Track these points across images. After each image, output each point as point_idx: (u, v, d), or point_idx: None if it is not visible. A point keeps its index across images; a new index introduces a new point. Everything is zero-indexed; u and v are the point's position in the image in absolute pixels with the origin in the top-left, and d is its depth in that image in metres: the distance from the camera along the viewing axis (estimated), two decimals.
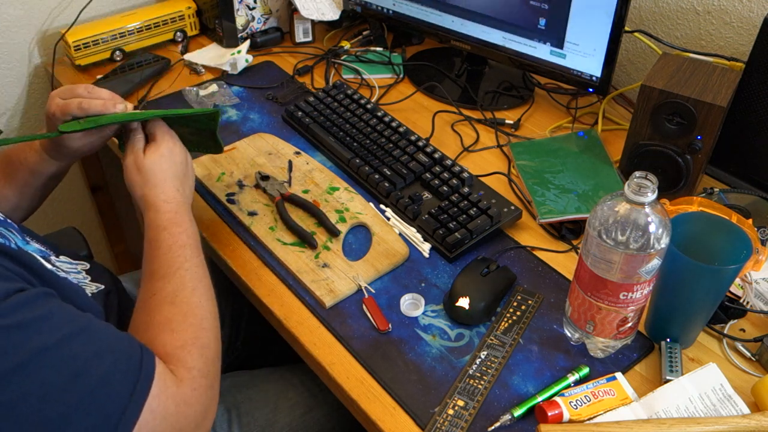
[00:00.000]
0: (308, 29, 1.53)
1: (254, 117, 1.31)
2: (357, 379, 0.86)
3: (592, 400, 0.81)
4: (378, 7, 1.44)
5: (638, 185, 0.75)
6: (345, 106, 1.27)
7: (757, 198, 1.07)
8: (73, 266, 0.89)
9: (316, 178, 1.14)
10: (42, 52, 1.48)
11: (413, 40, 1.56)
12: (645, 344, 0.90)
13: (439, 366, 0.87)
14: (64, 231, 1.21)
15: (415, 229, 1.05)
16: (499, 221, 1.05)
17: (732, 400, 0.82)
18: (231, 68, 1.42)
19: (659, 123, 1.06)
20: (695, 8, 1.26)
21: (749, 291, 0.95)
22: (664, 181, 1.08)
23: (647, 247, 0.76)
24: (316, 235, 1.03)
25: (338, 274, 0.98)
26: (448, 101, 1.35)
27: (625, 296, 0.80)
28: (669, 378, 0.85)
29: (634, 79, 1.41)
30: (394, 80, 1.44)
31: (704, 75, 1.06)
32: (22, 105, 1.51)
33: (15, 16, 1.41)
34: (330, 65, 1.46)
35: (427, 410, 0.82)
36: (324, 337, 0.91)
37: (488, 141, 1.27)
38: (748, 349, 0.90)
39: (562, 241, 1.06)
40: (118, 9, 1.52)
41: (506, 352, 0.89)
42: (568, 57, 1.23)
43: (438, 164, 1.14)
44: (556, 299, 0.96)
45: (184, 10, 1.49)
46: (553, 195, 1.10)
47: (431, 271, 1.00)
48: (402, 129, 1.21)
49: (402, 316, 0.93)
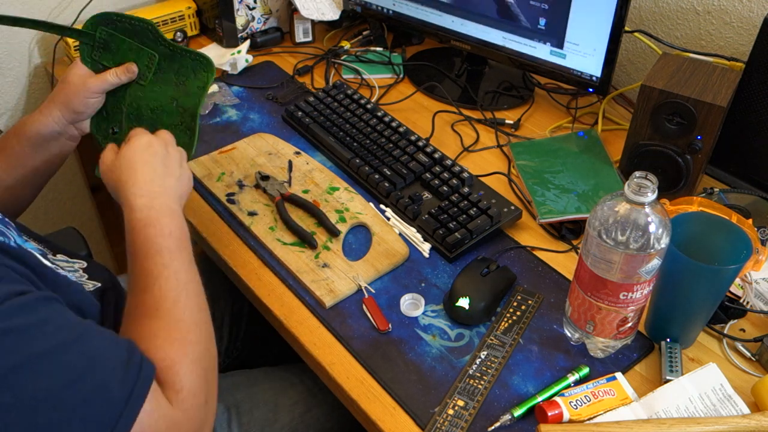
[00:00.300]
0: (308, 29, 1.53)
1: (254, 117, 1.31)
2: (357, 379, 0.86)
3: (592, 400, 0.81)
4: (378, 7, 1.44)
5: (638, 185, 0.75)
6: (345, 106, 1.27)
7: (757, 198, 1.07)
8: (70, 264, 0.88)
9: (316, 178, 1.14)
10: (42, 52, 1.48)
11: (413, 40, 1.56)
12: (645, 344, 0.90)
13: (439, 366, 0.87)
14: (63, 231, 1.21)
15: (415, 229, 1.05)
16: (499, 221, 1.05)
17: (732, 400, 0.82)
18: (231, 68, 1.42)
19: (659, 123, 1.06)
20: (695, 8, 1.26)
21: (749, 291, 0.95)
22: (664, 181, 1.08)
23: (647, 247, 0.76)
24: (316, 235, 1.03)
25: (338, 274, 0.98)
26: (448, 101, 1.35)
27: (625, 296, 0.80)
28: (669, 378, 0.85)
29: (634, 79, 1.41)
30: (394, 80, 1.44)
31: (704, 75, 1.06)
32: (22, 105, 1.52)
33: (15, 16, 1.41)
34: (330, 65, 1.46)
35: (427, 410, 0.82)
36: (324, 337, 0.91)
37: (488, 141, 1.27)
38: (748, 349, 0.90)
39: (562, 241, 1.06)
40: (118, 9, 1.52)
41: (506, 352, 0.89)
42: (568, 57, 1.23)
43: (438, 164, 1.14)
44: (556, 299, 0.96)
45: (184, 10, 1.49)
46: (553, 195, 1.10)
47: (431, 271, 1.00)
48: (402, 129, 1.21)
49: (402, 316, 0.93)
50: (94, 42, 0.93)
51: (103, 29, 0.92)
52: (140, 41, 0.92)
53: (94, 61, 0.93)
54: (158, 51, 0.92)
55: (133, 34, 0.92)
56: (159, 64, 0.93)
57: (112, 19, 0.93)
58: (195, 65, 0.92)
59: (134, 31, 0.92)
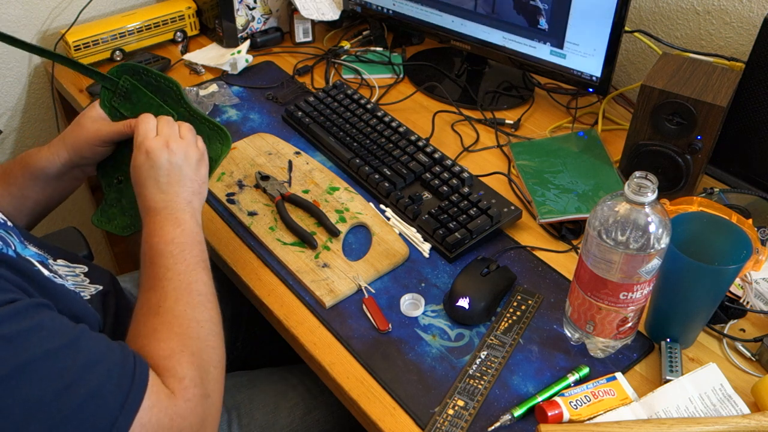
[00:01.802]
0: (308, 29, 1.53)
1: (254, 117, 1.31)
2: (357, 379, 0.86)
3: (592, 400, 0.81)
4: (378, 7, 1.44)
5: (638, 185, 0.75)
6: (345, 106, 1.27)
7: (757, 198, 1.07)
8: (71, 270, 0.88)
9: (316, 178, 1.14)
10: None
11: (413, 40, 1.56)
12: (645, 344, 0.90)
13: (439, 366, 0.87)
14: (64, 231, 1.21)
15: (415, 229, 1.05)
16: (499, 221, 1.05)
17: (732, 400, 0.82)
18: (231, 68, 1.42)
19: (659, 123, 1.06)
20: (695, 8, 1.26)
21: (749, 291, 0.95)
22: (664, 181, 1.08)
23: (647, 247, 0.76)
24: (316, 235, 1.03)
25: (338, 274, 0.98)
26: (448, 101, 1.35)
27: (625, 296, 0.80)
28: (669, 378, 0.85)
29: (634, 79, 1.41)
30: (394, 80, 1.44)
31: (704, 75, 1.06)
32: (22, 105, 1.52)
33: (15, 16, 1.41)
34: (330, 65, 1.46)
35: (427, 410, 0.82)
36: (324, 337, 0.91)
37: (488, 141, 1.27)
38: (748, 349, 0.90)
39: (562, 241, 1.06)
40: (118, 9, 1.52)
41: (506, 352, 0.89)
42: (568, 57, 1.23)
43: (438, 164, 1.14)
44: (556, 299, 0.96)
45: (184, 10, 1.49)
46: (553, 195, 1.10)
47: (431, 271, 1.00)
48: (402, 129, 1.21)
49: (402, 316, 0.93)
50: (116, 89, 0.92)
51: (128, 78, 0.92)
52: (162, 99, 0.92)
53: (113, 107, 0.93)
54: (178, 112, 0.92)
55: (157, 91, 0.92)
56: None
57: (138, 71, 0.93)
58: (212, 135, 0.92)
59: (158, 88, 0.92)
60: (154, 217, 0.83)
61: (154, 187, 0.84)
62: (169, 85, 0.92)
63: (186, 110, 0.92)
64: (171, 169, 0.85)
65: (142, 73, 0.92)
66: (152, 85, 0.92)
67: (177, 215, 0.83)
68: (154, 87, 0.92)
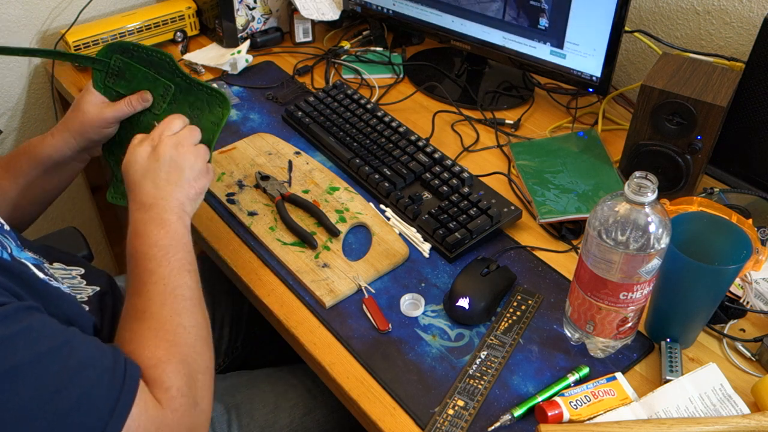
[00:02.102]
0: (308, 29, 1.53)
1: (254, 117, 1.31)
2: (357, 379, 0.86)
3: (592, 400, 0.81)
4: (378, 7, 1.44)
5: (638, 185, 0.75)
6: (345, 106, 1.27)
7: (757, 198, 1.07)
8: (67, 272, 0.88)
9: (316, 178, 1.14)
10: None
11: (413, 40, 1.56)
12: (645, 344, 0.90)
13: (439, 366, 0.87)
14: (64, 231, 1.21)
15: (415, 229, 1.05)
16: (499, 221, 1.05)
17: (732, 400, 0.82)
18: (231, 68, 1.42)
19: (659, 123, 1.06)
20: (695, 8, 1.26)
21: (749, 291, 0.95)
22: (664, 181, 1.08)
23: (647, 247, 0.76)
24: (316, 235, 1.03)
25: (338, 274, 0.98)
26: (448, 101, 1.35)
27: (625, 296, 0.80)
28: (669, 378, 0.85)
29: (634, 79, 1.41)
30: (394, 80, 1.44)
31: (704, 75, 1.06)
32: (22, 105, 1.51)
33: (15, 16, 1.41)
34: (330, 65, 1.46)
35: (427, 410, 0.82)
36: (324, 337, 0.91)
37: (488, 141, 1.27)
38: (748, 349, 0.90)
39: (562, 241, 1.06)
40: (118, 9, 1.52)
41: (506, 352, 0.89)
42: (568, 57, 1.23)
43: (438, 164, 1.14)
44: (556, 299, 0.96)
45: (184, 10, 1.49)
46: (553, 195, 1.10)
47: (431, 271, 1.00)
48: (402, 129, 1.21)
49: (402, 316, 0.93)
50: (108, 69, 0.92)
51: (119, 57, 0.92)
52: (156, 72, 0.92)
53: (108, 87, 0.93)
54: (174, 83, 0.92)
55: (150, 65, 0.92)
56: (174, 95, 0.92)
57: (128, 49, 0.92)
58: (210, 100, 0.91)
59: (150, 62, 0.92)
60: (141, 215, 0.81)
61: (150, 182, 0.83)
62: (161, 57, 0.92)
63: (182, 79, 0.92)
64: (173, 168, 0.84)
65: (132, 50, 0.92)
66: (144, 60, 0.92)
67: (164, 216, 0.81)
68: (147, 61, 0.92)
